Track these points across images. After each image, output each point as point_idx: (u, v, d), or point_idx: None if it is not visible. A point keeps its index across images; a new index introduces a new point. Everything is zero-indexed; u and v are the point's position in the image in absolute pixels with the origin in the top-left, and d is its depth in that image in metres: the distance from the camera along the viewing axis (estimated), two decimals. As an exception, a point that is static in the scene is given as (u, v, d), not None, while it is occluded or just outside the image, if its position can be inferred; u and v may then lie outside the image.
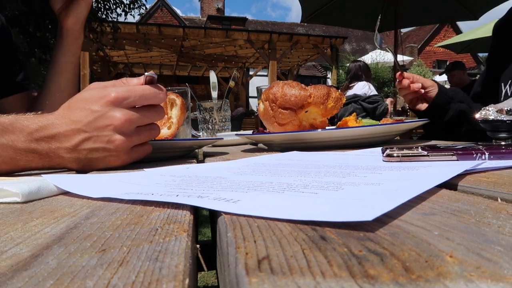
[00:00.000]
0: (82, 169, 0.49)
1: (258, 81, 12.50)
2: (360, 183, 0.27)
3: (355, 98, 3.14)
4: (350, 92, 3.23)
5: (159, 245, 0.17)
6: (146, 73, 0.52)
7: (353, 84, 3.34)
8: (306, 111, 0.67)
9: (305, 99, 0.65)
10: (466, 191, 0.26)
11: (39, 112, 0.48)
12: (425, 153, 0.37)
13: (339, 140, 0.66)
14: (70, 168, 0.49)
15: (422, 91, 0.97)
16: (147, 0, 5.23)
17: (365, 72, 3.40)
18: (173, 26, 9.00)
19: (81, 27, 0.89)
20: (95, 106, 0.47)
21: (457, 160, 0.36)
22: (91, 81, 8.11)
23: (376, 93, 3.34)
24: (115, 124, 0.47)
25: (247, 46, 8.59)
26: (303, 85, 0.68)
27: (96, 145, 0.47)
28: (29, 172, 0.48)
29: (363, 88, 3.32)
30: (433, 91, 0.97)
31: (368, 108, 3.08)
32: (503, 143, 0.41)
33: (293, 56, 9.69)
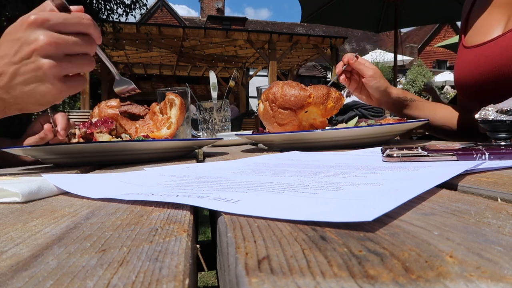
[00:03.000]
0: (26, 108, 0.47)
1: (258, 81, 12.50)
2: (360, 183, 0.27)
3: (356, 105, 3.06)
4: (348, 100, 3.14)
5: (159, 245, 0.17)
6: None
7: None
8: (306, 111, 0.67)
9: (304, 99, 0.65)
10: (466, 191, 0.26)
11: None
12: (425, 153, 0.37)
13: (339, 140, 0.66)
14: (15, 111, 0.48)
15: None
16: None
17: None
18: (173, 26, 9.00)
19: None
20: (17, 34, 0.46)
21: (457, 160, 0.36)
22: (91, 82, 8.07)
23: None
24: (38, 46, 0.45)
25: (247, 46, 8.59)
26: (303, 85, 0.68)
27: (26, 76, 0.45)
28: (29, 172, 0.48)
29: None
30: (373, 82, 0.88)
31: (368, 116, 2.98)
32: (503, 143, 0.41)
33: (293, 56, 9.69)
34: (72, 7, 0.51)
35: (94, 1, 4.40)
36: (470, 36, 0.84)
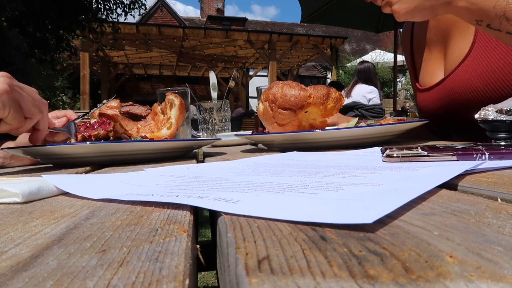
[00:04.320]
0: None
1: (258, 82, 12.49)
2: (360, 183, 0.27)
3: (356, 106, 3.04)
4: (348, 100, 3.11)
5: (159, 245, 0.17)
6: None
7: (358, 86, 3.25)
8: (306, 112, 0.67)
9: (304, 100, 0.65)
10: (466, 191, 0.26)
11: None
12: (425, 153, 0.37)
13: (339, 140, 0.66)
14: None
15: None
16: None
17: (374, 75, 3.30)
18: (173, 27, 9.00)
19: None
20: None
21: (457, 160, 0.36)
22: (91, 82, 8.09)
23: (379, 102, 3.25)
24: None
25: (247, 47, 8.59)
26: (303, 85, 0.68)
27: None
28: (29, 172, 0.48)
29: (370, 92, 3.19)
30: None
31: (368, 116, 2.95)
32: (502, 143, 0.41)
33: (293, 56, 9.70)
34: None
35: (93, 1, 4.40)
36: (421, 78, 0.93)
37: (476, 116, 0.44)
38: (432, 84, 0.86)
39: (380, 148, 0.44)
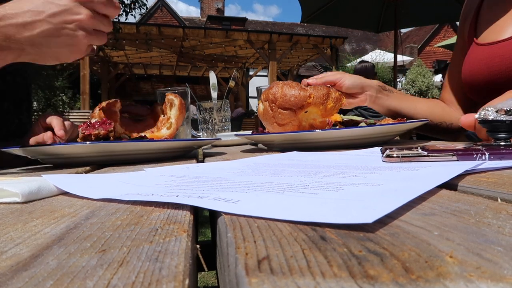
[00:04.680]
0: (42, 60, 0.56)
1: (258, 82, 12.49)
2: (360, 183, 0.27)
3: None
4: None
5: (159, 245, 0.17)
6: None
7: None
8: (306, 112, 0.67)
9: (304, 100, 0.65)
10: (466, 191, 0.26)
11: None
12: (425, 153, 0.37)
13: (339, 140, 0.66)
14: (27, 60, 0.56)
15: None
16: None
17: (372, 75, 3.30)
18: (173, 27, 9.00)
19: None
20: (61, 1, 0.54)
21: (457, 160, 0.36)
22: (90, 82, 8.08)
23: None
24: (81, 20, 0.54)
25: (247, 47, 8.59)
26: (303, 85, 0.68)
27: (61, 39, 0.54)
28: (29, 172, 0.48)
29: None
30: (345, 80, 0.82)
31: (367, 116, 2.93)
32: (503, 143, 0.41)
33: (293, 56, 9.69)
34: None
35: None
36: (482, 33, 0.83)
37: (476, 116, 0.44)
38: (498, 39, 0.77)
39: (380, 148, 0.44)
